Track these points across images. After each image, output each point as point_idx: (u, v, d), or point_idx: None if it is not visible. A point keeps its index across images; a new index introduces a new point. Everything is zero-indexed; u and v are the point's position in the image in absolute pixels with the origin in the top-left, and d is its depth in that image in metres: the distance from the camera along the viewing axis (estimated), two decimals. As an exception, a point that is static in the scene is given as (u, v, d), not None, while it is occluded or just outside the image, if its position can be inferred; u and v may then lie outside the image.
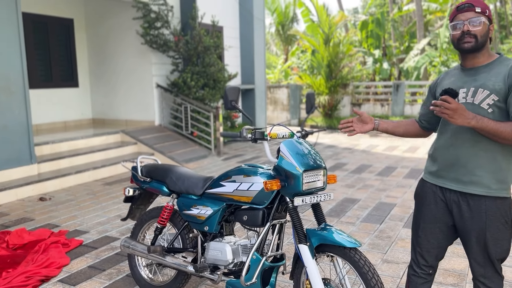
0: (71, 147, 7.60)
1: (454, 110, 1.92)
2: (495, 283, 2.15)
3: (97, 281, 3.43)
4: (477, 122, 1.96)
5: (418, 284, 2.37)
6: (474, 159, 2.09)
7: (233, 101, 2.57)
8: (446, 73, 2.32)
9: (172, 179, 3.01)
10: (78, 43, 9.86)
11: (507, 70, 2.03)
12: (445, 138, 2.19)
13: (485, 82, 2.05)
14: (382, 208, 5.21)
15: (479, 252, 2.13)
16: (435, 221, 2.26)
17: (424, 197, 2.31)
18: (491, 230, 2.08)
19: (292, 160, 2.39)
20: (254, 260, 2.52)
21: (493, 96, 2.02)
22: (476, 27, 2.06)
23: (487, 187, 2.07)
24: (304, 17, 17.84)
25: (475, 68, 2.13)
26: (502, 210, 2.08)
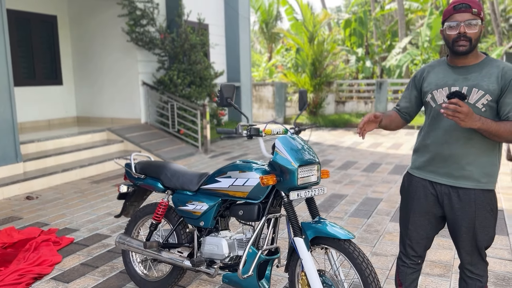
0: (57, 146, 7.53)
1: (466, 114, 1.95)
2: (480, 269, 2.29)
3: (91, 278, 3.45)
4: (482, 124, 2.02)
5: (408, 274, 2.47)
6: (466, 156, 2.18)
7: (229, 98, 2.62)
8: (430, 67, 2.34)
9: (167, 176, 3.05)
10: (61, 40, 9.74)
11: (499, 71, 2.11)
12: (438, 135, 2.25)
13: (479, 82, 2.12)
14: (369, 203, 5.33)
15: (468, 240, 2.24)
16: (424, 213, 2.35)
17: (413, 191, 2.38)
18: (479, 218, 2.20)
19: (287, 156, 2.46)
20: (251, 253, 2.58)
21: (487, 96, 2.10)
22: (472, 29, 2.09)
23: (476, 181, 2.19)
24: (288, 15, 17.94)
25: (465, 67, 2.18)
26: (488, 199, 2.21)
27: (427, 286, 3.21)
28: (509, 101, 2.08)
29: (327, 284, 2.42)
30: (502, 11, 31.30)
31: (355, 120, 13.90)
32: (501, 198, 5.44)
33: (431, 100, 2.28)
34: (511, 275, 3.36)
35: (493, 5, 22.72)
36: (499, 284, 3.22)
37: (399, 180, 6.50)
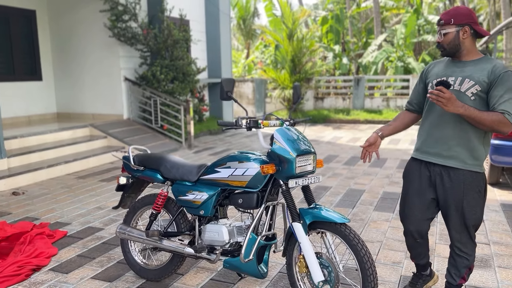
0: (40, 141, 7.47)
1: (448, 99, 2.30)
2: (468, 249, 2.56)
3: (89, 269, 3.52)
4: (465, 110, 2.33)
5: (413, 248, 2.82)
6: (454, 138, 2.48)
7: (229, 91, 2.75)
8: (434, 63, 2.71)
9: (167, 167, 3.15)
10: (41, 36, 9.61)
11: (491, 67, 2.41)
12: (432, 119, 2.57)
13: (472, 74, 2.43)
14: (353, 194, 5.55)
15: (457, 219, 2.50)
16: (419, 194, 2.63)
17: (411, 173, 2.69)
18: (467, 198, 2.48)
19: (285, 146, 2.61)
20: (251, 239, 2.73)
21: (477, 87, 2.40)
22: (441, 38, 2.49)
23: (463, 162, 2.48)
24: (267, 12, 18.09)
25: (463, 61, 2.52)
26: (476, 181, 2.49)
27: (412, 268, 3.42)
28: (497, 94, 2.36)
29: (324, 265, 2.59)
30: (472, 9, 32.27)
31: (333, 115, 14.19)
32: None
33: (430, 88, 2.58)
34: (487, 257, 3.62)
35: (463, 4, 23.47)
36: (478, 265, 3.47)
37: (380, 172, 6.77)
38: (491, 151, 5.55)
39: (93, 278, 3.36)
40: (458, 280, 2.65)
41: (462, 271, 2.62)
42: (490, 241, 3.96)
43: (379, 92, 16.55)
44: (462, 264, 2.58)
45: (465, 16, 2.44)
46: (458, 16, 2.44)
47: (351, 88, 15.69)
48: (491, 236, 4.07)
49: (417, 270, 2.96)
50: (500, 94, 2.35)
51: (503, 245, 3.86)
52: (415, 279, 2.97)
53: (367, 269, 2.44)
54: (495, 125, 2.33)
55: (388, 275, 3.31)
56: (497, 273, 3.33)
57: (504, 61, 16.59)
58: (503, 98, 2.34)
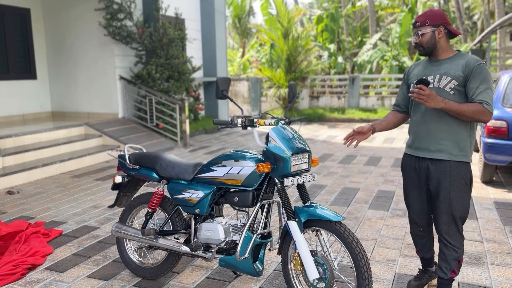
0: (34, 140, 7.44)
1: (428, 96, 2.47)
2: (456, 241, 2.68)
3: (85, 267, 3.53)
4: (445, 104, 2.51)
5: (418, 239, 2.97)
6: (439, 132, 2.64)
7: (224, 90, 2.76)
8: (414, 65, 2.88)
9: (162, 166, 3.16)
10: (35, 34, 9.57)
11: (465, 62, 2.59)
12: (418, 117, 2.75)
13: (448, 71, 2.61)
14: (347, 193, 5.58)
15: (445, 210, 2.64)
16: (415, 187, 2.82)
17: (406, 168, 2.87)
18: (454, 189, 2.62)
19: (281, 145, 2.62)
20: (246, 237, 2.75)
21: (454, 81, 2.58)
22: (419, 38, 2.66)
23: (449, 153, 2.63)
24: (263, 10, 18.10)
25: (439, 60, 2.69)
26: (463, 172, 2.64)
27: (406, 266, 3.46)
28: (473, 86, 2.53)
29: (319, 263, 2.61)
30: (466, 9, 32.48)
31: (328, 114, 14.23)
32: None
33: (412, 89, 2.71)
34: (481, 254, 3.66)
35: (458, 3, 23.58)
36: (471, 262, 3.51)
37: (375, 171, 6.80)
38: (485, 149, 5.60)
39: (89, 276, 3.36)
40: (449, 273, 2.72)
41: (452, 263, 2.70)
42: (483, 238, 4.00)
43: (374, 91, 16.62)
44: (451, 256, 2.68)
45: (439, 17, 2.62)
46: (433, 17, 2.62)
47: (346, 87, 15.74)
48: (484, 234, 4.11)
49: (423, 266, 3.05)
50: (476, 85, 2.52)
51: (496, 243, 3.90)
52: (421, 274, 3.05)
53: (362, 267, 2.46)
54: (475, 115, 2.50)
55: (383, 273, 3.33)
56: (490, 270, 3.36)
57: (498, 60, 16.70)
58: (479, 89, 2.51)
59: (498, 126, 5.50)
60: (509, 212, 4.76)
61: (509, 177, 6.31)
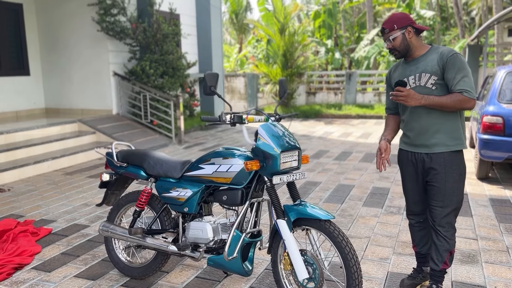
0: (27, 137, 7.36)
1: (407, 96, 2.59)
2: (449, 233, 2.74)
3: (73, 267, 3.46)
4: (425, 101, 2.60)
5: (415, 231, 3.00)
6: (431, 127, 2.70)
7: (212, 86, 2.69)
8: (394, 67, 2.94)
9: (150, 164, 3.09)
10: (28, 30, 9.46)
11: (438, 55, 2.65)
12: (406, 116, 2.81)
13: (425, 68, 2.67)
14: (342, 189, 5.53)
15: (439, 201, 2.70)
16: (411, 179, 2.87)
17: (402, 162, 2.92)
18: (449, 180, 2.68)
19: (270, 142, 2.56)
20: (235, 236, 2.69)
21: (433, 77, 2.64)
22: (391, 43, 2.72)
23: (445, 145, 2.69)
24: (259, 6, 17.98)
25: (415, 59, 2.76)
26: (457, 162, 2.70)
27: (399, 264, 3.41)
28: (450, 76, 2.59)
29: (309, 262, 2.55)
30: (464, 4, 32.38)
31: (325, 110, 14.16)
32: (465, 183, 5.75)
33: None
34: (475, 252, 3.61)
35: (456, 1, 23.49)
36: (465, 260, 3.46)
37: (370, 167, 6.75)
38: (481, 145, 5.55)
39: (76, 276, 3.30)
40: (441, 264, 2.76)
41: (443, 255, 2.74)
42: (478, 236, 3.95)
43: (371, 87, 16.56)
44: (443, 247, 2.72)
45: (405, 19, 2.69)
46: (399, 20, 2.68)
47: (343, 83, 15.67)
48: (479, 231, 4.06)
49: (418, 264, 3.04)
50: (453, 76, 2.58)
51: (490, 240, 3.85)
52: (415, 274, 3.03)
53: (352, 267, 2.40)
54: (457, 104, 2.57)
55: (375, 272, 3.28)
56: (484, 268, 3.32)
57: (495, 56, 16.64)
58: (456, 79, 2.57)
59: (494, 122, 5.44)
60: (505, 209, 4.71)
61: (505, 174, 6.26)
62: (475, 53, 13.70)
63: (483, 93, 6.86)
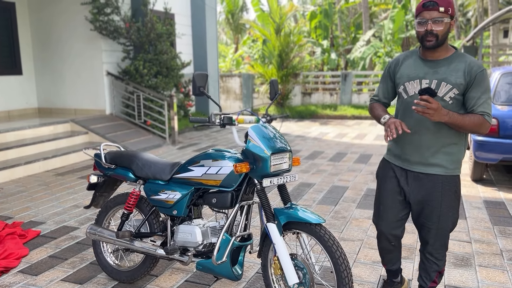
0: (18, 137, 7.28)
1: (435, 110, 2.13)
2: (439, 254, 2.50)
3: (60, 270, 3.40)
4: (449, 118, 2.21)
5: (385, 253, 2.72)
6: (436, 144, 2.36)
7: (201, 87, 2.64)
8: (404, 58, 2.47)
9: (138, 165, 3.03)
10: (20, 28, 9.36)
11: (466, 66, 2.26)
12: (410, 125, 2.39)
13: (447, 77, 2.27)
14: (336, 191, 5.48)
15: (435, 223, 2.41)
16: (395, 194, 2.52)
17: (386, 174, 2.56)
18: (446, 200, 2.39)
19: (260, 144, 2.51)
20: (224, 240, 2.63)
21: (454, 90, 2.27)
22: (439, 26, 2.21)
23: (445, 168, 2.38)
24: (254, 6, 17.93)
25: (435, 61, 2.33)
26: (454, 182, 2.42)
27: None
28: (474, 95, 2.25)
29: (299, 267, 2.50)
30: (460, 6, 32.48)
31: (321, 111, 14.13)
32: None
33: (403, 92, 2.44)
34: (469, 255, 3.57)
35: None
36: (458, 264, 3.42)
37: (365, 168, 6.71)
38: (475, 147, 5.52)
39: (63, 280, 3.23)
40: (429, 283, 2.60)
41: (432, 275, 2.57)
42: (471, 239, 3.92)
43: (367, 88, 16.54)
44: (432, 268, 2.52)
45: (454, 8, 2.26)
46: (452, 6, 2.23)
47: (339, 83, 15.64)
48: (473, 234, 4.02)
49: (388, 277, 2.88)
50: (478, 95, 2.26)
51: (484, 243, 3.81)
52: (386, 286, 2.88)
53: (342, 271, 2.35)
54: (476, 127, 2.25)
55: (368, 275, 3.23)
56: (478, 272, 3.28)
57: (490, 57, 16.67)
58: (481, 100, 2.25)
59: (489, 123, 5.41)
60: (499, 211, 4.68)
61: (500, 176, 6.24)
62: (471, 54, 13.70)
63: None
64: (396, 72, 2.49)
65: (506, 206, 4.83)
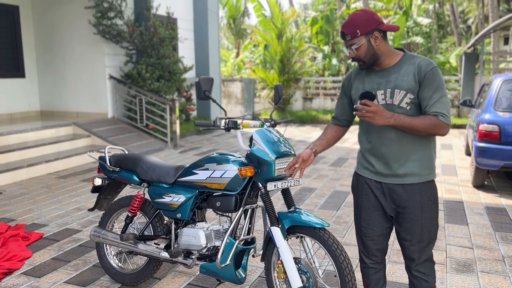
0: (20, 140, 7.30)
1: (375, 112, 2.07)
2: (427, 268, 2.33)
3: (63, 272, 3.41)
4: (395, 120, 2.12)
5: (371, 274, 2.48)
6: (403, 153, 2.24)
7: (207, 91, 2.66)
8: (356, 73, 2.39)
9: (143, 168, 3.05)
10: (24, 32, 9.41)
11: (415, 68, 2.17)
12: (374, 138, 2.31)
13: (399, 83, 2.18)
14: (337, 196, 5.49)
15: (416, 237, 2.28)
16: (374, 208, 2.37)
17: (361, 188, 2.41)
18: (426, 210, 2.26)
19: (264, 148, 2.53)
20: (228, 243, 2.65)
21: (409, 95, 2.17)
22: (356, 51, 2.19)
23: (419, 175, 2.25)
24: (256, 12, 18.01)
25: (385, 69, 2.24)
26: (430, 190, 2.28)
27: (394, 272, 3.37)
28: (426, 95, 2.15)
29: (303, 271, 2.51)
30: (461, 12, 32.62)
31: (322, 116, 14.16)
32: (461, 191, 5.74)
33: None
34: (470, 261, 3.58)
35: (452, 7, 23.66)
36: (460, 269, 3.43)
37: (366, 174, 6.72)
38: (476, 153, 5.54)
39: (67, 282, 3.24)
40: None
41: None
42: (473, 244, 3.93)
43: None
44: (422, 286, 2.34)
45: (370, 21, 2.15)
46: (362, 25, 2.15)
47: (340, 89, 15.67)
48: (475, 240, 4.03)
49: None
50: (429, 95, 2.15)
51: (486, 249, 3.83)
52: None
53: (346, 275, 2.37)
54: (430, 129, 2.14)
55: (370, 280, 3.24)
56: (480, 278, 3.29)
57: (491, 64, 16.74)
58: (433, 99, 2.15)
59: (490, 130, 5.44)
60: (500, 217, 4.69)
61: (501, 182, 6.25)
62: (472, 61, 13.75)
63: (479, 101, 6.86)
64: (351, 88, 2.41)
65: (508, 212, 4.84)
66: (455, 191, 5.69)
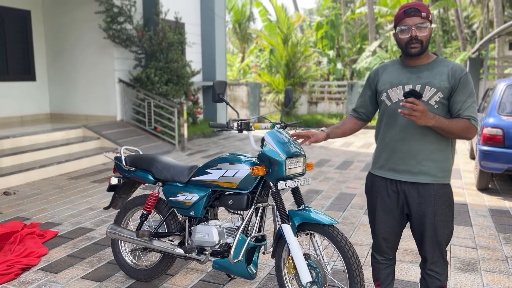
0: (32, 142, 7.45)
1: (422, 112, 2.07)
2: (440, 268, 2.39)
3: (79, 269, 3.53)
4: (436, 122, 2.14)
5: (381, 270, 2.60)
6: (423, 151, 2.28)
7: (221, 94, 2.78)
8: (383, 68, 2.44)
9: (158, 168, 3.17)
10: (35, 36, 9.60)
11: (449, 70, 2.24)
12: (395, 132, 2.33)
13: (431, 80, 2.23)
14: (344, 198, 5.59)
15: (429, 237, 2.34)
16: (389, 211, 2.42)
17: (376, 190, 2.46)
18: (439, 213, 2.30)
19: (276, 148, 2.64)
20: (240, 240, 2.76)
21: (439, 94, 2.22)
22: (423, 32, 2.20)
23: (433, 176, 2.29)
24: (261, 17, 18.18)
25: (417, 66, 2.29)
26: (446, 194, 2.32)
27: (399, 271, 3.47)
28: (460, 99, 2.21)
29: (312, 266, 2.62)
30: (465, 18, 32.66)
31: (327, 120, 14.27)
32: (465, 193, 5.83)
33: (386, 99, 2.37)
34: (474, 261, 3.67)
35: (457, 12, 23.72)
36: (464, 268, 3.52)
37: (371, 177, 6.81)
38: (480, 157, 5.62)
39: (83, 278, 3.36)
40: None
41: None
42: (477, 245, 4.02)
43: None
44: (434, 284, 2.40)
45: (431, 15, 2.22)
46: (429, 12, 2.22)
47: (345, 93, 15.79)
48: (479, 241, 4.12)
49: None
50: (463, 99, 2.21)
51: (490, 249, 3.91)
52: None
53: (354, 271, 2.47)
54: (463, 132, 2.19)
55: (376, 278, 3.34)
56: (483, 276, 3.38)
57: (496, 69, 16.79)
58: (467, 103, 2.21)
59: (494, 134, 5.53)
60: (504, 219, 4.77)
61: (505, 185, 6.33)
62: (476, 65, 13.83)
63: (483, 105, 6.96)
64: (377, 81, 2.43)
65: (511, 215, 4.92)
66: (459, 194, 5.78)
